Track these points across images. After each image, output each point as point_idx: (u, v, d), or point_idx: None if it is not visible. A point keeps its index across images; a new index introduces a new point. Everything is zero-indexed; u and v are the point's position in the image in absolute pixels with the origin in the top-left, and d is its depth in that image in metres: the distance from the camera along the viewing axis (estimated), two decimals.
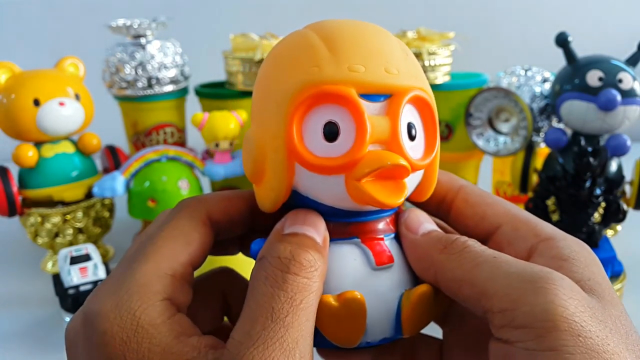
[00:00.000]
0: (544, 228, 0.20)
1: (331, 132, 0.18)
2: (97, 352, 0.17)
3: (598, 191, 0.44)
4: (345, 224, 0.20)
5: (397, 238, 0.21)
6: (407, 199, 0.21)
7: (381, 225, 0.20)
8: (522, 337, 0.16)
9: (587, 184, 0.43)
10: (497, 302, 0.16)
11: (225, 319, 0.24)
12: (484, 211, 0.21)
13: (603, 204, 0.45)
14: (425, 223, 0.20)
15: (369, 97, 0.18)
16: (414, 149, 0.19)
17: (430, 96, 0.20)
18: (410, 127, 0.19)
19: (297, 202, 0.20)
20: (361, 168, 0.18)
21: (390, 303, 0.19)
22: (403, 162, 0.18)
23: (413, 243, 0.20)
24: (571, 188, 0.44)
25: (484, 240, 0.20)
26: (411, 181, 0.19)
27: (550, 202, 0.46)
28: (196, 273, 0.20)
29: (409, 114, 0.19)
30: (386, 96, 0.19)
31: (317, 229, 0.18)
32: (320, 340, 0.19)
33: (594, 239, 0.45)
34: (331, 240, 0.19)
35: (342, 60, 0.18)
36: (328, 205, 0.19)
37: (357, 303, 0.18)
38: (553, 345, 0.15)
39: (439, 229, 0.20)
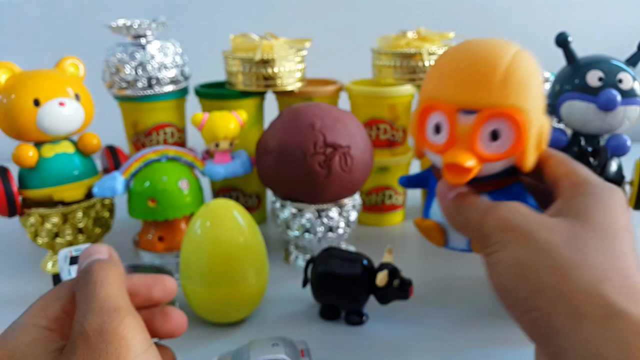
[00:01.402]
0: (588, 176, 0.28)
1: (437, 129, 0.29)
2: None
3: None
4: None
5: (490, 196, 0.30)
6: (519, 170, 0.29)
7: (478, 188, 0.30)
8: (483, 246, 0.27)
9: None
10: (474, 235, 0.28)
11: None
12: (553, 171, 0.29)
13: None
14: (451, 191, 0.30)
15: (465, 111, 0.28)
16: (495, 147, 0.28)
17: (518, 112, 0.27)
18: (495, 131, 0.28)
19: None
20: (444, 157, 0.28)
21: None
22: (465, 163, 0.27)
23: (443, 208, 0.30)
24: None
25: (551, 190, 0.29)
26: (488, 165, 0.28)
27: None
28: None
29: (496, 123, 0.28)
30: (477, 111, 0.28)
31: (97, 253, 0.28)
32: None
33: None
34: None
35: (450, 83, 0.28)
36: (438, 170, 0.31)
37: (435, 227, 0.32)
38: (488, 242, 0.26)
39: (461, 190, 0.29)
